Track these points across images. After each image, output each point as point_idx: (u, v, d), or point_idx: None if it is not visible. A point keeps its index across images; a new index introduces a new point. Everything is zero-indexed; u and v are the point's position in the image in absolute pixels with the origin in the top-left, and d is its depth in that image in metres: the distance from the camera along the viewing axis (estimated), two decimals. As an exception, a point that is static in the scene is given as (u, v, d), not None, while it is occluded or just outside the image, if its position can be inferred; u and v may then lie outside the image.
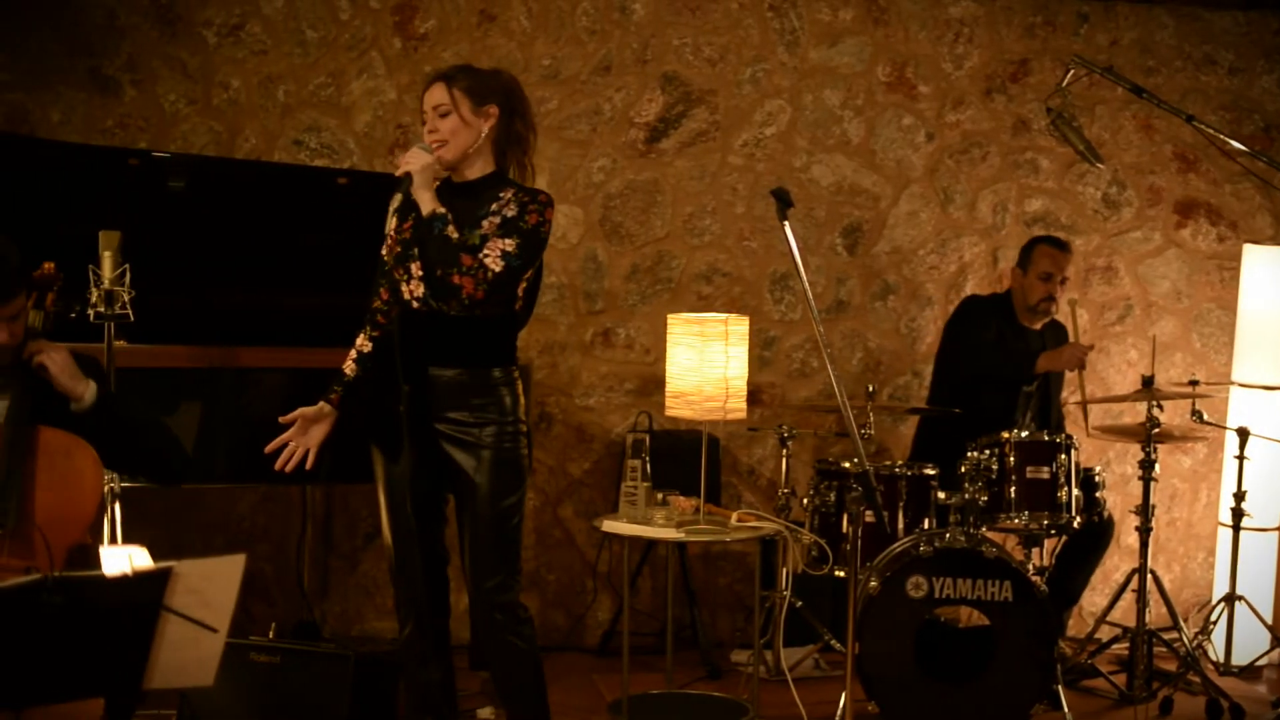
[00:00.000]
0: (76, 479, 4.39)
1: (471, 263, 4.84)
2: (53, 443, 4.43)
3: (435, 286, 4.89)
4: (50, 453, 4.42)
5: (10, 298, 4.43)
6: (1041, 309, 7.30)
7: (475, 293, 4.86)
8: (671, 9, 7.76)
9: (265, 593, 7.56)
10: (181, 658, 3.63)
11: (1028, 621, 6.11)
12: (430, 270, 4.88)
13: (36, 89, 7.38)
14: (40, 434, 4.43)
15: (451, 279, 4.84)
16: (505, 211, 4.98)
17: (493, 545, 5.03)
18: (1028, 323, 7.37)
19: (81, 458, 4.45)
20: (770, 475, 7.89)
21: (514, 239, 4.92)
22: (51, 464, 4.40)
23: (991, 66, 8.05)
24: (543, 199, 5.05)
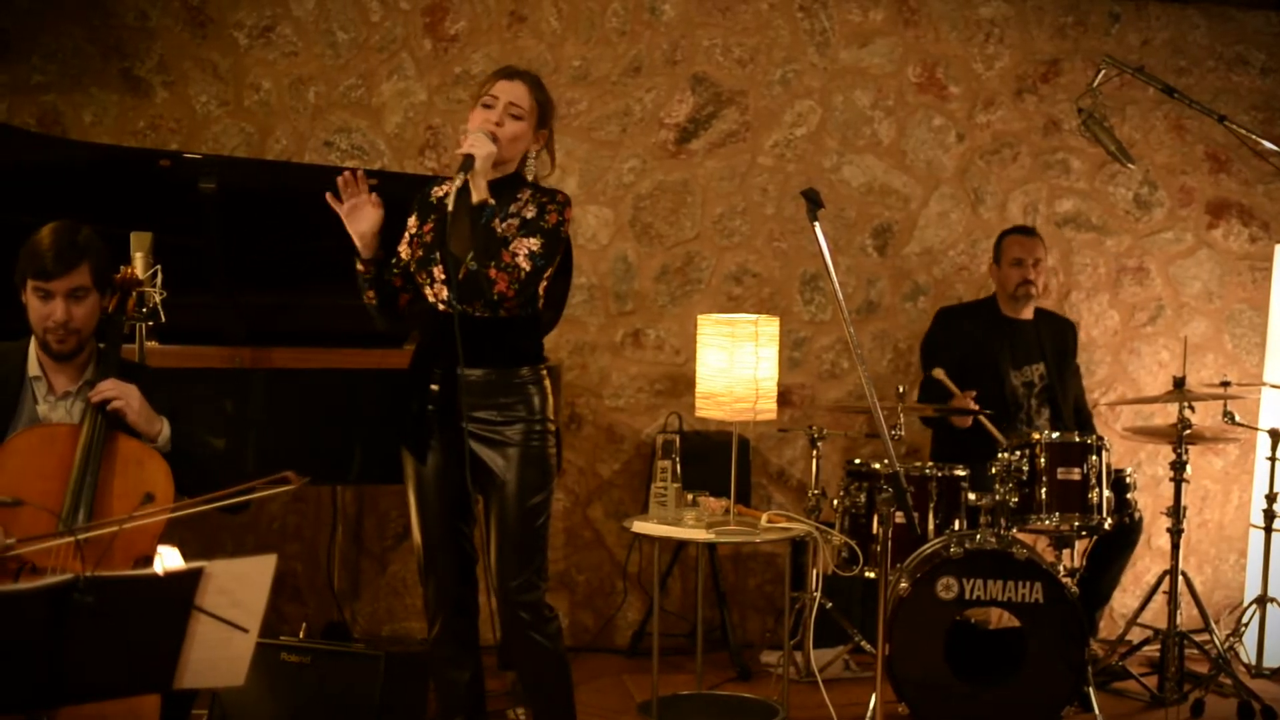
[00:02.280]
0: (148, 489, 4.40)
1: (509, 260, 4.84)
2: (127, 451, 4.45)
3: (463, 286, 4.88)
4: (124, 461, 4.43)
5: (69, 268, 4.44)
6: (1020, 293, 7.39)
7: (507, 290, 4.86)
8: (701, 10, 7.76)
9: (296, 593, 7.57)
10: (212, 657, 3.64)
11: (1058, 623, 6.09)
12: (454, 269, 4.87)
13: (69, 90, 7.40)
14: (115, 441, 4.45)
15: (488, 273, 4.83)
16: (524, 213, 4.98)
17: (518, 544, 5.03)
18: (1014, 314, 7.45)
19: (154, 468, 4.46)
20: (800, 476, 7.88)
21: (537, 239, 4.92)
22: (125, 472, 4.42)
23: (1022, 67, 8.03)
24: (560, 198, 5.05)
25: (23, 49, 7.37)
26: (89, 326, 4.54)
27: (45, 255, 4.44)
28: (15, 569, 4.22)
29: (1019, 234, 7.48)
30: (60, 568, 4.21)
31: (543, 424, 5.07)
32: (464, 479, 5.02)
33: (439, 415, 5.03)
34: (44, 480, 4.33)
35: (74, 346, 4.52)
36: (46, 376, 4.57)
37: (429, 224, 5.03)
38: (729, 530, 6.06)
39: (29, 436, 4.41)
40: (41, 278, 4.44)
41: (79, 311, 4.49)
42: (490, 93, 5.01)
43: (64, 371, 4.57)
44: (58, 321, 4.46)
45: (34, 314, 4.50)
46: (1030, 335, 7.40)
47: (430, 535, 5.12)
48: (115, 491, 4.39)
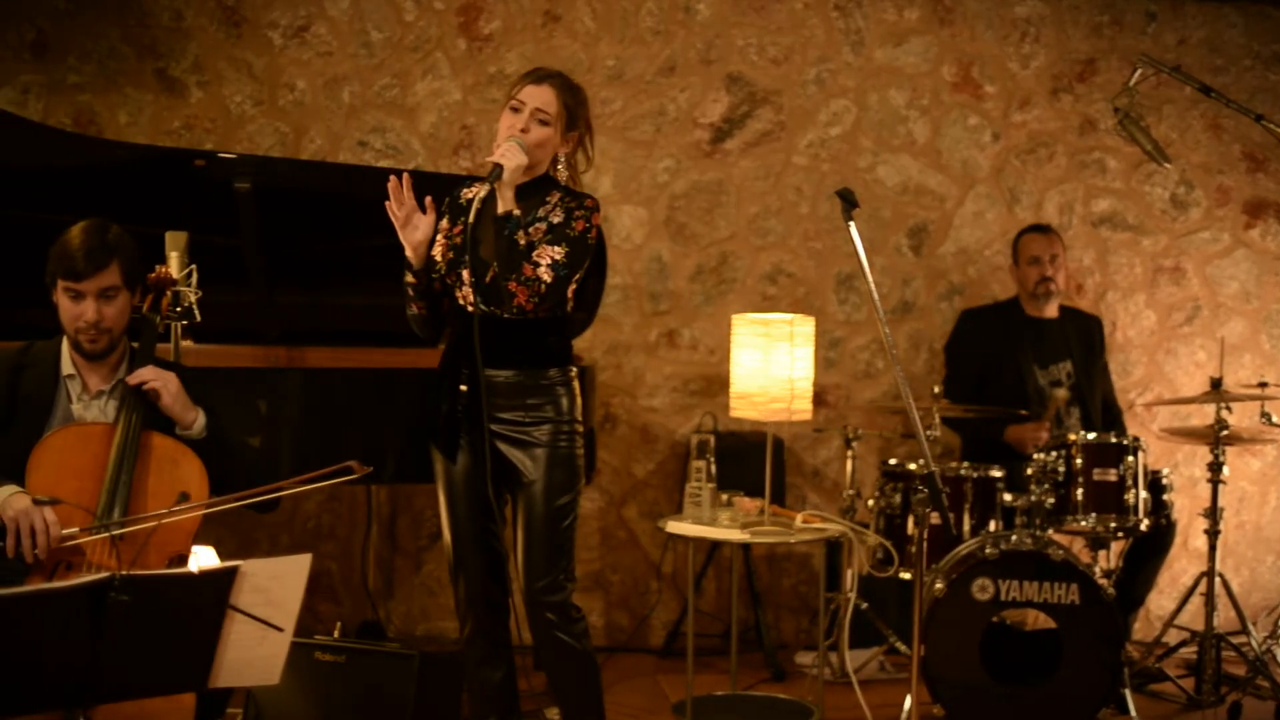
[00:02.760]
0: (183, 487, 4.40)
1: (530, 273, 4.83)
2: (161, 450, 4.46)
3: (488, 291, 4.87)
4: (159, 459, 4.44)
5: (99, 268, 4.44)
6: (1040, 291, 7.41)
7: (526, 304, 4.85)
8: (736, 9, 7.75)
9: (330, 592, 7.59)
10: (247, 656, 3.65)
11: (1095, 624, 6.07)
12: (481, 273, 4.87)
13: (104, 90, 7.43)
14: (150, 440, 4.45)
15: (508, 285, 4.82)
16: (551, 217, 4.97)
17: (545, 544, 5.02)
18: (1038, 312, 7.45)
19: (188, 467, 4.47)
20: (835, 477, 7.87)
21: (562, 247, 4.90)
22: (160, 470, 4.43)
23: (1058, 66, 8.00)
24: (589, 203, 5.02)
25: (59, 49, 7.40)
26: (120, 326, 4.55)
27: (75, 255, 4.44)
28: (51, 567, 4.23)
29: (1035, 232, 7.49)
30: (96, 565, 4.22)
31: (571, 425, 5.06)
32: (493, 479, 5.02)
33: (467, 415, 5.02)
34: (79, 479, 4.34)
35: (105, 346, 4.53)
36: (80, 375, 4.58)
37: (459, 226, 5.02)
38: (764, 530, 6.05)
39: (64, 435, 4.42)
40: (72, 278, 4.45)
41: (110, 311, 4.49)
42: (518, 97, 4.98)
43: (97, 371, 4.58)
44: (89, 321, 4.47)
45: (65, 314, 4.51)
46: (1055, 333, 7.40)
47: (460, 535, 5.12)
48: (150, 489, 4.40)
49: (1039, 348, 7.36)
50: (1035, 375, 7.32)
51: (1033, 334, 7.38)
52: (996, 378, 7.25)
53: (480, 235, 4.87)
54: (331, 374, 6.24)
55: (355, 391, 6.11)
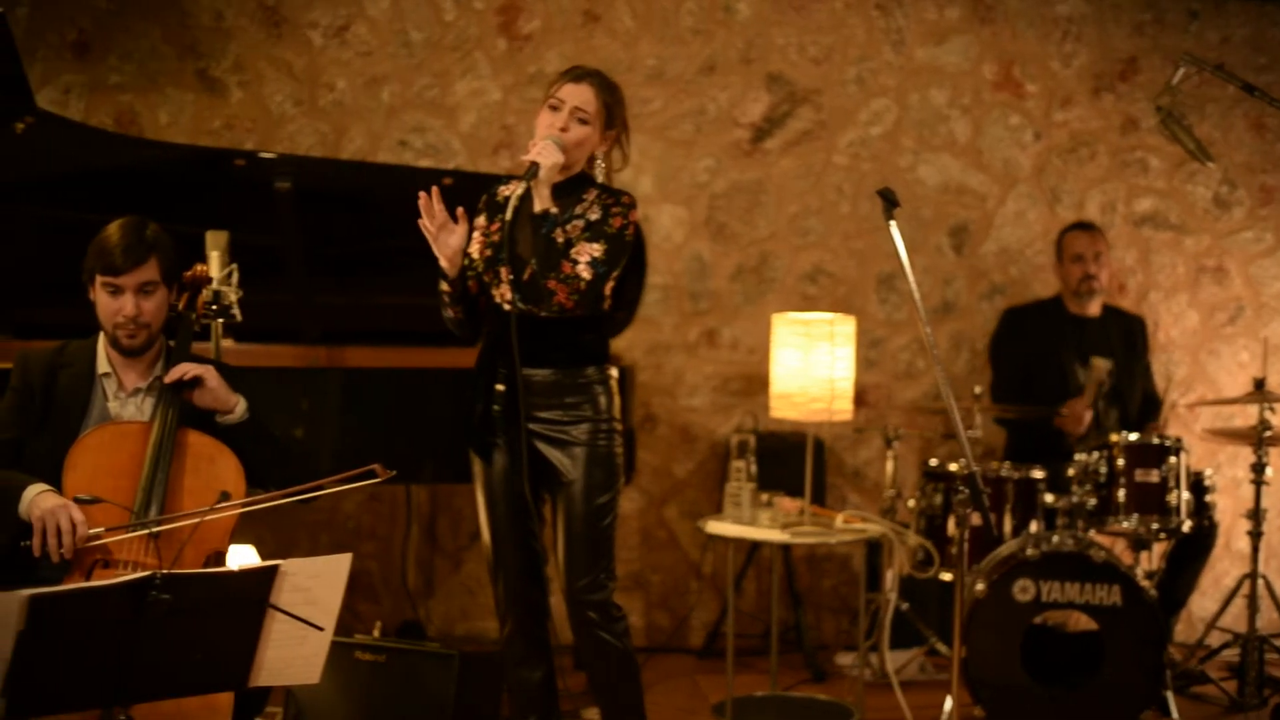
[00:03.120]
0: (219, 485, 4.40)
1: (569, 271, 4.82)
2: (197, 447, 4.46)
3: (526, 288, 4.87)
4: (195, 457, 4.44)
5: (137, 263, 4.45)
6: (1083, 290, 7.37)
7: (566, 301, 4.84)
8: (776, 8, 7.73)
9: (370, 591, 7.59)
10: (288, 655, 3.66)
11: (1137, 626, 6.04)
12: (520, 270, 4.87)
13: (145, 90, 7.45)
14: (186, 437, 4.46)
15: (547, 284, 4.82)
16: (589, 215, 4.96)
17: (585, 544, 5.02)
18: (1081, 311, 7.41)
19: (225, 464, 4.47)
20: (876, 477, 7.85)
21: (600, 244, 4.89)
22: (196, 468, 4.43)
23: (1100, 65, 7.97)
24: (626, 200, 5.01)
25: (100, 49, 7.42)
26: (158, 321, 4.55)
27: (114, 251, 4.45)
28: (88, 566, 4.23)
29: (1079, 229, 7.45)
30: (132, 563, 4.23)
31: (609, 424, 5.05)
32: (530, 479, 5.02)
33: (504, 415, 5.02)
34: (116, 477, 4.34)
35: (144, 341, 4.53)
36: (116, 373, 4.58)
37: (496, 223, 5.01)
38: (804, 531, 6.05)
39: (100, 434, 4.43)
40: (110, 273, 4.46)
41: (148, 306, 4.50)
42: (557, 96, 4.97)
43: (134, 368, 4.59)
44: (128, 316, 4.47)
45: (103, 310, 4.52)
46: (1097, 332, 7.37)
47: (498, 535, 5.12)
48: (186, 487, 4.40)
49: (1081, 346, 7.34)
50: (1077, 373, 7.29)
51: (1075, 332, 7.35)
52: (1040, 376, 7.23)
53: (517, 233, 4.86)
54: (371, 374, 6.26)
55: (394, 391, 6.12)
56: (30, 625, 3.23)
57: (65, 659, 3.36)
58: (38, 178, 6.09)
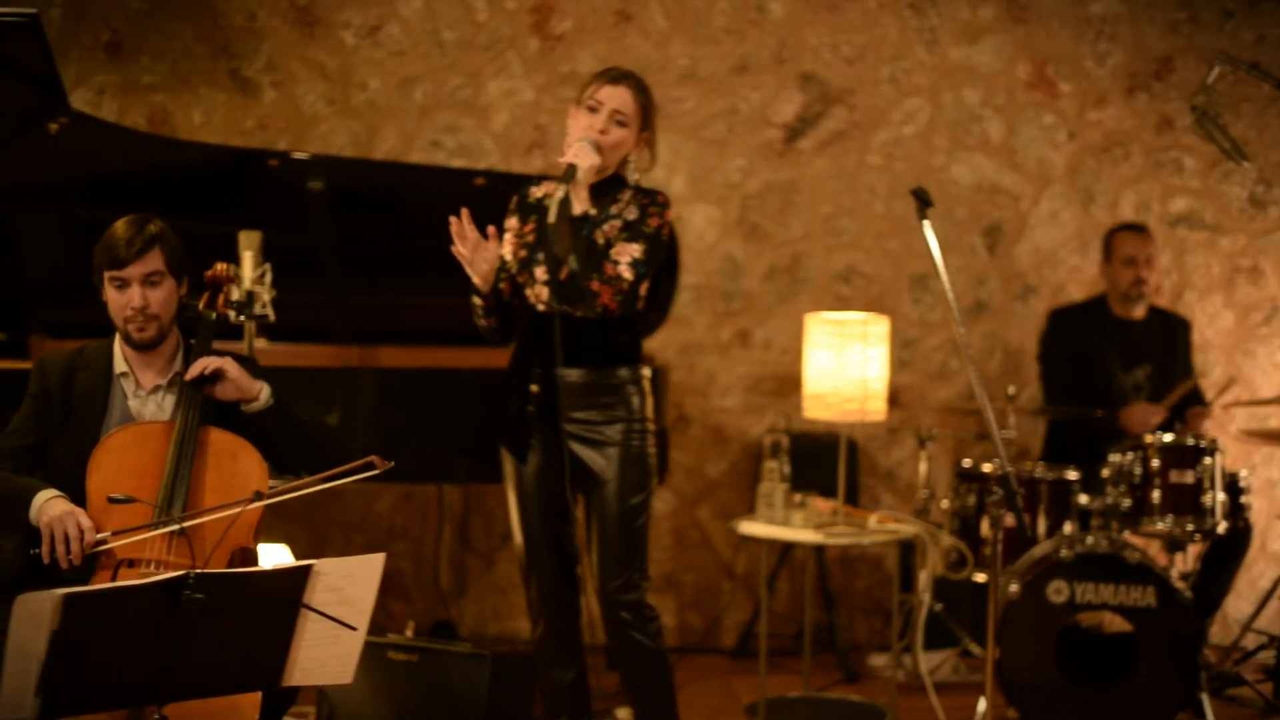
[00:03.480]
0: (242, 482, 4.39)
1: (612, 272, 4.82)
2: (219, 444, 4.45)
3: (567, 289, 4.87)
4: (217, 454, 4.43)
5: (141, 253, 4.42)
6: (1134, 293, 7.27)
7: (610, 302, 4.85)
8: (809, 8, 7.72)
9: (403, 591, 7.60)
10: (321, 655, 3.66)
11: (1171, 628, 6.02)
12: (556, 270, 4.87)
13: (178, 91, 7.47)
14: (208, 435, 4.46)
15: (590, 285, 4.82)
16: (626, 214, 4.96)
17: (619, 544, 5.02)
18: (1125, 313, 7.32)
19: (247, 460, 4.46)
20: (909, 477, 7.83)
21: (639, 244, 4.89)
22: (219, 465, 4.42)
23: (1134, 64, 7.93)
24: (661, 199, 5.01)
25: (133, 50, 7.45)
26: (168, 313, 4.52)
27: (118, 245, 4.44)
28: (115, 565, 4.23)
29: (1130, 231, 7.36)
30: (158, 561, 4.22)
31: (643, 424, 5.05)
32: (563, 479, 5.02)
33: (538, 415, 5.02)
34: (139, 477, 4.34)
35: (155, 334, 4.51)
36: (134, 372, 4.57)
37: (530, 224, 5.01)
38: (837, 531, 6.04)
39: (123, 435, 4.42)
40: (116, 266, 4.45)
41: (155, 296, 4.47)
42: (595, 98, 4.96)
43: (151, 366, 4.57)
44: (135, 308, 4.46)
45: (113, 305, 4.51)
46: (1139, 336, 7.31)
47: (531, 536, 5.12)
48: (209, 484, 4.39)
49: (1124, 349, 7.28)
50: (1119, 378, 7.24)
51: (1118, 335, 7.28)
52: (1085, 378, 7.18)
53: (555, 234, 4.86)
54: (403, 373, 6.27)
55: (427, 391, 6.13)
56: (64, 624, 3.23)
57: (98, 658, 3.37)
58: (71, 178, 6.12)
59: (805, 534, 6.07)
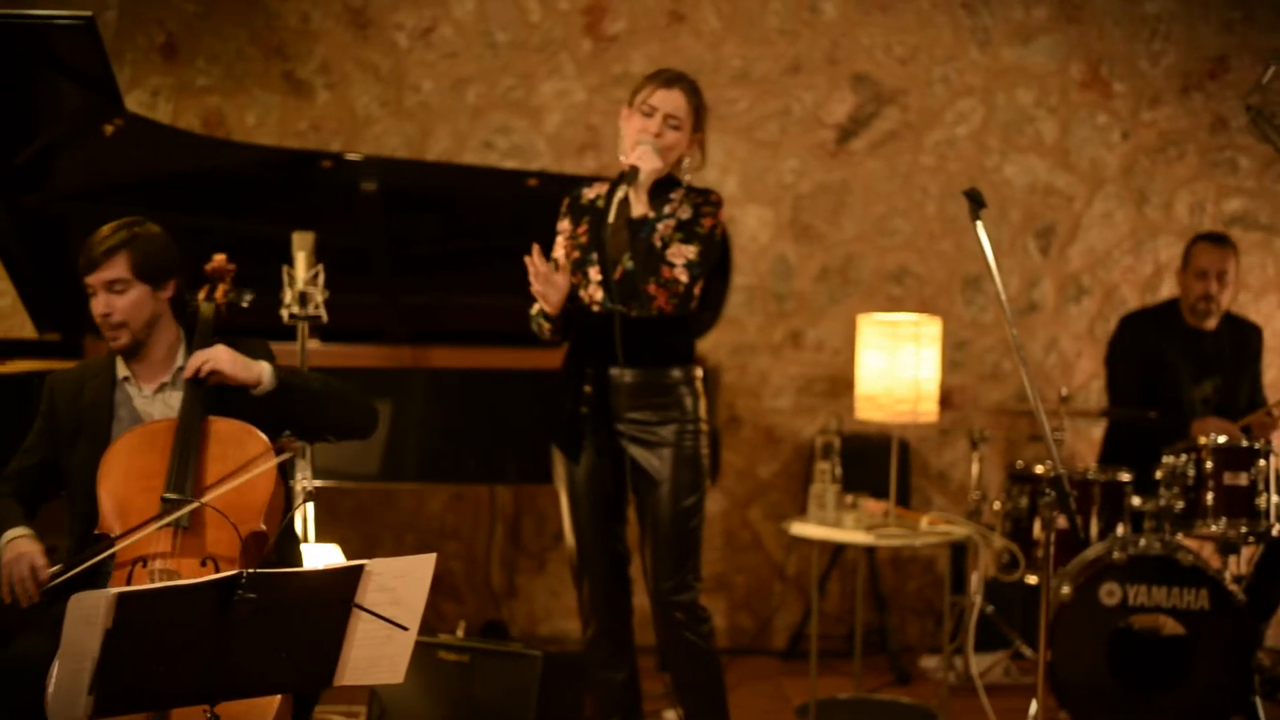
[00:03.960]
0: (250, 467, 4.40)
1: (669, 275, 4.83)
2: (224, 432, 4.42)
3: (623, 289, 4.88)
4: (222, 442, 4.40)
5: (100, 262, 4.40)
6: (1200, 309, 7.12)
7: (666, 305, 4.88)
8: (861, 8, 7.71)
9: (454, 591, 7.62)
10: (372, 655, 3.67)
11: (1225, 631, 5.99)
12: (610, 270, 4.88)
13: (232, 92, 7.51)
14: (210, 425, 4.45)
15: (648, 288, 4.83)
16: (679, 214, 4.97)
17: (672, 545, 5.03)
18: (1197, 323, 7.19)
19: (253, 445, 4.42)
20: (961, 479, 7.81)
21: (695, 245, 4.91)
22: (224, 454, 4.39)
23: (1188, 64, 7.89)
24: (714, 199, 5.04)
25: (188, 52, 7.49)
26: (138, 319, 4.48)
27: (86, 250, 4.45)
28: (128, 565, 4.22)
29: (1207, 241, 7.16)
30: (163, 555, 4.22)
31: (696, 424, 5.06)
32: (616, 480, 5.03)
33: (592, 416, 5.03)
34: (148, 477, 4.32)
35: (128, 341, 4.48)
36: (135, 375, 4.58)
37: (582, 225, 5.03)
38: (888, 533, 6.03)
39: (129, 438, 4.41)
40: (84, 273, 4.46)
41: (119, 304, 4.44)
42: (649, 102, 4.96)
43: (151, 366, 4.57)
44: (99, 315, 4.47)
45: (92, 313, 4.53)
46: (1210, 348, 7.18)
47: (583, 537, 5.13)
48: (214, 473, 4.32)
49: (1194, 361, 7.17)
50: (1188, 389, 7.15)
51: (1189, 346, 7.15)
52: (1154, 387, 7.09)
53: (605, 235, 4.88)
54: (456, 374, 6.28)
55: (480, 391, 6.14)
56: (117, 623, 3.25)
57: (151, 657, 3.38)
58: (126, 180, 6.16)
59: (857, 535, 6.06)
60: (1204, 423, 6.93)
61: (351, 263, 6.00)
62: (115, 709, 3.42)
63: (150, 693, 3.48)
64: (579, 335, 5.07)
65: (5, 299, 7.28)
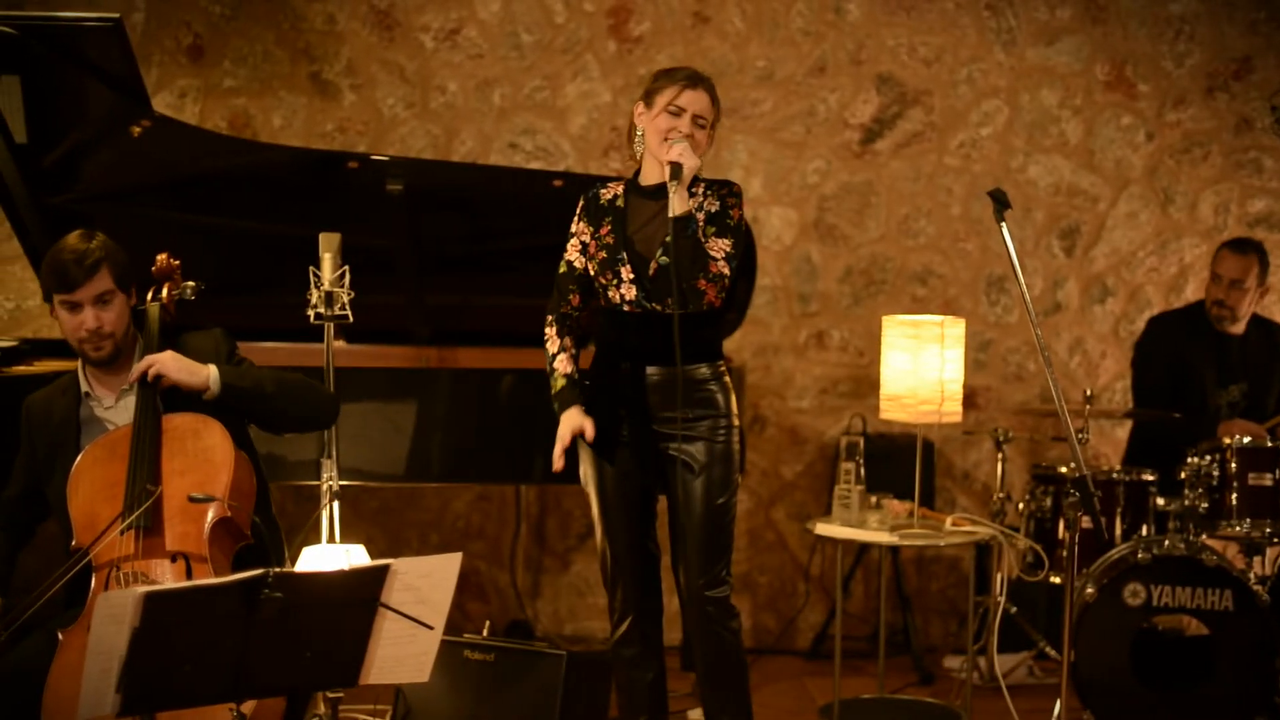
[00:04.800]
0: (207, 455, 4.42)
1: (715, 269, 4.85)
2: (180, 427, 4.47)
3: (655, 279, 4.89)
4: (179, 437, 4.44)
5: (89, 275, 4.46)
6: (1214, 314, 7.10)
7: (715, 300, 4.90)
8: (886, 9, 7.71)
9: (479, 591, 7.64)
10: (398, 654, 3.69)
11: (1249, 632, 5.99)
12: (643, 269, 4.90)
13: (259, 94, 7.53)
14: (169, 422, 4.48)
15: (698, 284, 4.84)
16: (708, 207, 4.98)
17: (706, 541, 5.03)
18: (1223, 327, 7.15)
19: (209, 434, 4.47)
20: (985, 479, 7.81)
21: (728, 239, 4.94)
22: (183, 449, 4.42)
23: (1213, 64, 7.88)
24: (736, 189, 5.05)
25: (215, 54, 7.51)
26: (121, 328, 4.55)
27: (65, 267, 4.47)
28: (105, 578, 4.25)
29: (1228, 248, 7.11)
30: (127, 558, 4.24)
31: (728, 420, 5.06)
32: (649, 478, 5.05)
33: (628, 415, 5.04)
34: (112, 486, 4.36)
35: (111, 351, 4.53)
36: (97, 388, 4.61)
37: (605, 226, 5.03)
38: (912, 533, 6.03)
39: (92, 450, 4.45)
40: (65, 290, 4.48)
41: (108, 316, 4.50)
42: (676, 102, 4.96)
43: (114, 374, 4.62)
44: (90, 330, 4.49)
45: (66, 327, 4.55)
46: (1237, 352, 7.15)
47: (616, 536, 5.13)
48: (176, 469, 4.39)
49: (1220, 364, 7.13)
50: (1213, 393, 7.12)
51: (1215, 349, 7.13)
52: (1180, 389, 7.06)
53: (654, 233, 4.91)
54: (481, 374, 6.29)
55: (504, 391, 6.16)
56: (144, 622, 3.27)
57: (178, 656, 3.41)
58: (154, 180, 6.18)
59: (881, 535, 6.06)
60: (1230, 425, 6.92)
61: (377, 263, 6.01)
62: (142, 707, 3.44)
63: (177, 691, 3.50)
64: (609, 334, 5.08)
65: (33, 300, 7.33)
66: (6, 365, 5.86)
